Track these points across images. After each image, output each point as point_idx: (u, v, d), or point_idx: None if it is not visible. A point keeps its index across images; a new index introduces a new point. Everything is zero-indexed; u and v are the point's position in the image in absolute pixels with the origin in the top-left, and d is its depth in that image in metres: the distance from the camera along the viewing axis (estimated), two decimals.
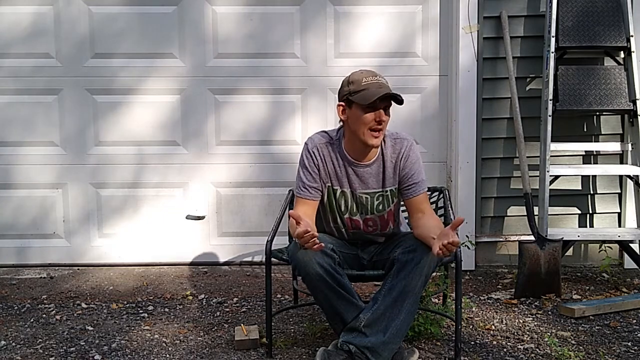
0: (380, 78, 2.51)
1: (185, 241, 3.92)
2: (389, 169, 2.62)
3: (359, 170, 2.61)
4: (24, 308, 3.25)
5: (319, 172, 2.61)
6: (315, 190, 2.61)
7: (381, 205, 2.65)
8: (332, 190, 2.64)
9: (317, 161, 2.61)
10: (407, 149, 2.61)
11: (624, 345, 2.77)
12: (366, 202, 2.64)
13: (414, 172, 2.60)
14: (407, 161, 2.60)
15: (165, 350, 2.73)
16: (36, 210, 3.87)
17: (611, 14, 3.61)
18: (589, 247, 3.91)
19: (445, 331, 2.87)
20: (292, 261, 2.48)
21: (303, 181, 2.62)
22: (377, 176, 2.62)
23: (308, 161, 2.61)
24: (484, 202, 3.84)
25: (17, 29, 3.75)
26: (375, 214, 2.66)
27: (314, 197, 2.61)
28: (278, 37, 3.81)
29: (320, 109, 3.85)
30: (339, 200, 2.65)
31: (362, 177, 2.62)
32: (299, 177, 2.64)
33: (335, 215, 2.68)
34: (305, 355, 2.66)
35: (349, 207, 2.66)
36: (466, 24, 3.70)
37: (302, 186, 2.62)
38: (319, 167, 2.61)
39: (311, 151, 2.62)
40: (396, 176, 2.63)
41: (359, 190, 2.63)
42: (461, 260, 2.59)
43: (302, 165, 2.64)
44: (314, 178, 2.61)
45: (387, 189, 2.64)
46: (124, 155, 3.85)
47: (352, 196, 2.64)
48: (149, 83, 3.81)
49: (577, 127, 3.80)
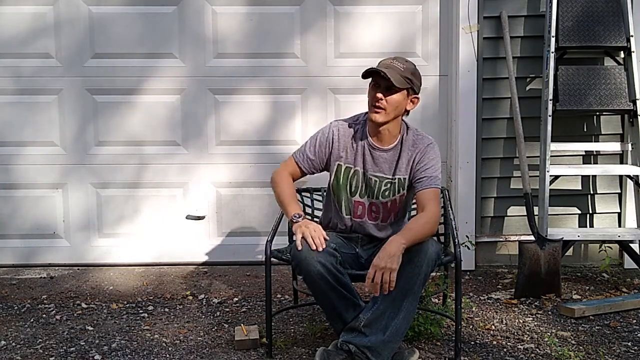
0: (395, 61, 2.55)
1: (185, 241, 3.92)
2: (403, 158, 2.64)
3: (375, 152, 2.65)
4: (24, 308, 3.25)
5: (330, 150, 2.67)
6: (308, 161, 2.69)
7: (387, 192, 2.66)
8: (346, 169, 2.67)
9: (330, 140, 2.67)
10: (427, 146, 2.65)
11: (624, 345, 2.77)
12: (374, 185, 2.66)
13: (429, 167, 2.61)
14: (424, 156, 2.63)
15: (165, 350, 2.73)
16: (36, 210, 3.87)
17: (611, 14, 3.61)
18: (589, 247, 3.91)
19: (445, 331, 2.87)
20: (293, 259, 2.48)
21: (305, 148, 2.71)
22: (391, 163, 2.65)
23: (322, 135, 2.69)
24: (484, 202, 3.84)
25: (17, 28, 3.75)
26: (380, 199, 2.67)
27: (302, 165, 2.70)
28: (278, 37, 3.81)
29: (320, 109, 3.85)
30: (351, 179, 2.67)
31: (377, 160, 2.65)
32: (305, 143, 2.73)
33: (345, 196, 2.69)
34: (305, 355, 2.66)
35: (359, 188, 2.68)
36: (466, 24, 3.70)
37: (301, 151, 2.71)
38: (332, 147, 2.67)
39: (332, 128, 2.69)
40: (409, 167, 2.64)
41: (370, 172, 2.66)
42: (461, 260, 2.60)
43: (314, 136, 2.72)
44: (315, 152, 2.69)
45: (396, 177, 2.65)
46: (124, 155, 3.85)
47: (363, 177, 2.67)
48: (149, 83, 3.81)
49: (577, 127, 3.80)
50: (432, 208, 2.55)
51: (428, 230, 2.48)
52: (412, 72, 2.57)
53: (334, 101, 3.85)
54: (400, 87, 2.53)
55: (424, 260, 2.40)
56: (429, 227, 2.48)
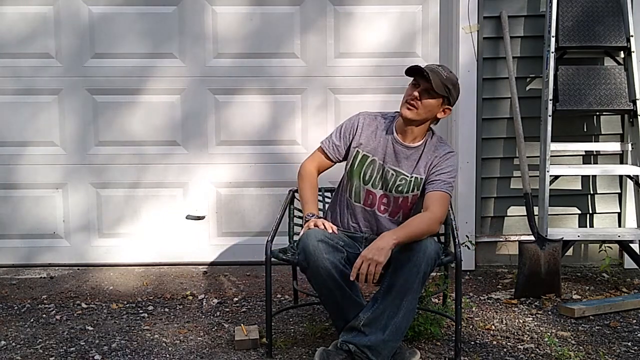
0: (440, 67, 2.62)
1: (185, 241, 3.92)
2: (423, 160, 2.68)
3: (397, 147, 2.69)
4: (24, 308, 3.25)
5: (354, 136, 2.73)
6: (336, 148, 2.77)
7: (401, 188, 2.68)
8: (363, 157, 2.71)
9: (356, 128, 2.74)
10: (447, 154, 2.70)
11: (624, 345, 2.77)
12: (390, 177, 2.68)
13: (443, 172, 2.65)
14: (442, 161, 2.67)
15: (165, 350, 2.73)
16: (36, 210, 3.87)
17: (611, 14, 3.61)
18: (589, 247, 3.91)
19: (445, 331, 2.87)
20: (301, 253, 2.48)
21: (332, 135, 2.80)
22: (412, 161, 2.68)
23: (348, 122, 2.78)
24: (484, 202, 3.84)
25: (17, 28, 3.75)
26: (393, 193, 2.69)
27: (329, 152, 2.78)
28: (278, 37, 3.81)
29: (320, 109, 3.85)
30: (366, 169, 2.70)
31: (398, 155, 2.69)
32: (332, 132, 2.81)
33: (357, 183, 2.71)
34: (305, 355, 2.66)
35: (373, 178, 2.70)
36: (466, 24, 3.70)
37: (328, 139, 2.80)
38: (356, 132, 2.73)
39: (359, 116, 2.77)
40: (427, 169, 2.68)
41: (389, 164, 2.69)
42: (461, 260, 2.60)
43: (341, 124, 2.80)
44: (341, 139, 2.76)
45: (413, 176, 2.68)
46: (124, 155, 3.85)
47: (381, 168, 2.69)
48: (149, 83, 3.81)
49: (577, 127, 3.80)
50: (435, 209, 2.57)
51: (424, 229, 2.48)
52: (454, 83, 2.62)
53: (334, 101, 3.85)
54: (438, 94, 2.57)
55: (423, 259, 2.41)
56: (425, 226, 2.49)
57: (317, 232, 2.50)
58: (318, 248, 2.42)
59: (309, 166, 2.81)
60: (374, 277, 2.36)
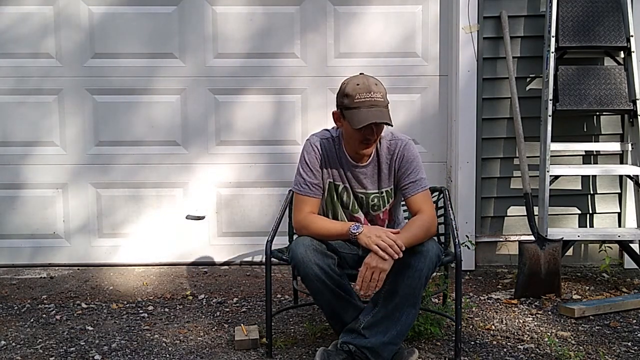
0: (375, 93, 2.45)
1: (185, 241, 3.92)
2: (384, 170, 2.61)
3: (355, 170, 2.61)
4: (24, 308, 3.25)
5: (320, 168, 2.60)
6: (316, 188, 2.59)
7: (376, 206, 2.65)
8: (334, 186, 2.64)
9: (318, 156, 2.60)
10: (402, 149, 2.59)
11: (624, 345, 2.77)
12: (363, 199, 2.65)
13: (411, 171, 2.57)
14: (403, 161, 2.59)
15: (165, 350, 2.73)
16: (36, 210, 3.87)
17: (611, 14, 3.61)
18: (589, 247, 3.91)
19: (445, 331, 2.87)
20: (291, 261, 2.48)
21: (304, 178, 2.59)
22: (373, 177, 2.62)
23: (309, 156, 2.60)
24: (484, 202, 3.84)
25: (17, 28, 3.75)
26: (371, 212, 2.67)
27: (315, 194, 2.58)
28: (278, 37, 3.81)
29: (320, 109, 3.85)
30: (341, 195, 2.64)
31: (358, 178, 2.62)
32: (299, 173, 2.60)
33: (337, 211, 2.66)
34: (305, 355, 2.66)
35: (351, 204, 2.66)
36: (466, 24, 3.70)
37: (303, 183, 2.58)
38: (320, 163, 2.60)
39: (313, 145, 2.60)
40: (392, 176, 2.62)
41: (355, 188, 2.64)
42: (461, 260, 2.59)
43: (302, 161, 2.61)
44: (315, 175, 2.59)
45: (382, 190, 2.63)
46: (124, 155, 3.85)
47: (351, 193, 2.65)
48: (149, 83, 3.81)
49: (577, 127, 3.80)
50: (426, 209, 2.54)
51: (426, 231, 2.47)
52: (386, 93, 2.51)
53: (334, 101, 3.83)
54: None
55: (425, 264, 2.39)
56: (425, 229, 2.47)
57: (305, 240, 2.47)
58: (307, 256, 2.40)
59: (306, 215, 2.56)
60: (378, 285, 2.33)
